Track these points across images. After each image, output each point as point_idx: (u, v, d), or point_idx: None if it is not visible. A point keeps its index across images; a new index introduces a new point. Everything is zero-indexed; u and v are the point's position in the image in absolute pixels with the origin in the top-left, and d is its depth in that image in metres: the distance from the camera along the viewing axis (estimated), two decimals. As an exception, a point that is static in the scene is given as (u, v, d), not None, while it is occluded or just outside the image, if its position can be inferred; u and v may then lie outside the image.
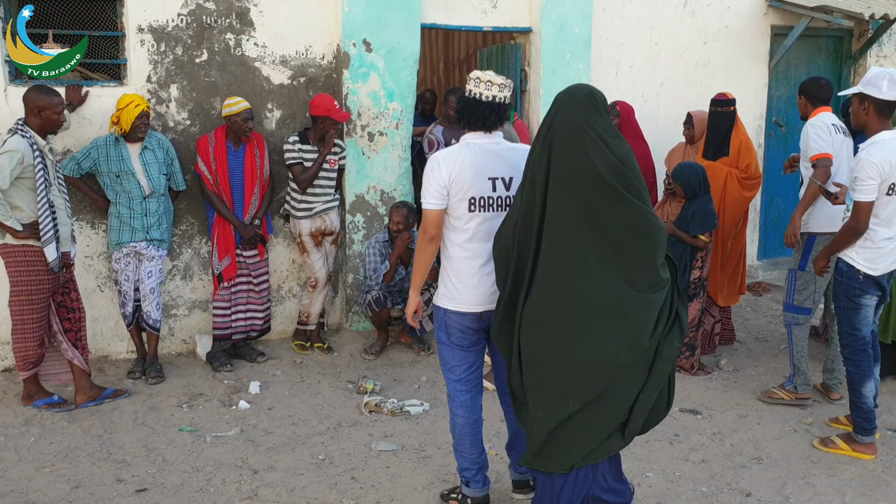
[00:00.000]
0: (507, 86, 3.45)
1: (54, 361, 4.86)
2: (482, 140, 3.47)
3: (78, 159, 5.10)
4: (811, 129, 4.85)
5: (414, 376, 5.43)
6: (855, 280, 4.26)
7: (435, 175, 3.40)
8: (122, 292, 5.24)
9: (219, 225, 5.43)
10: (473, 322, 3.53)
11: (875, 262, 4.22)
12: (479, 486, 3.72)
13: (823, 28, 7.55)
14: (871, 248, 4.21)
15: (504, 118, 3.49)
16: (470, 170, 3.39)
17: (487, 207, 3.42)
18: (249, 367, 5.52)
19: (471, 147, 3.45)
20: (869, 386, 4.29)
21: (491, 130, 3.47)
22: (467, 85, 3.47)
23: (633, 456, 4.28)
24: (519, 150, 3.55)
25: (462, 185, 3.38)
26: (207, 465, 4.13)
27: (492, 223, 3.43)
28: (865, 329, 4.32)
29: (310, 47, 5.87)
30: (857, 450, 4.32)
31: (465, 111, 3.46)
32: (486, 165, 3.42)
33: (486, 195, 3.41)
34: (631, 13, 6.91)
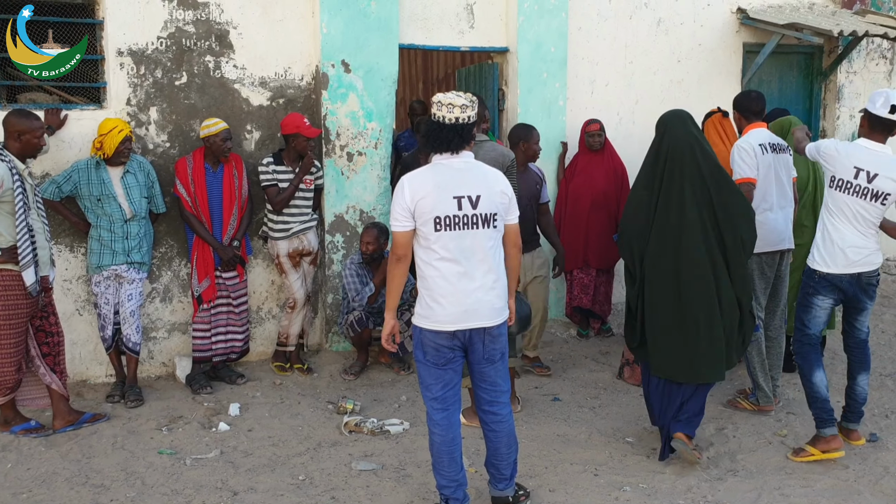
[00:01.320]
0: (469, 105, 3.53)
1: (32, 386, 4.83)
2: (449, 160, 3.57)
3: (58, 182, 5.11)
4: (737, 151, 4.91)
5: (394, 396, 5.45)
6: (811, 279, 4.48)
7: (398, 198, 3.53)
8: (101, 315, 5.24)
9: (198, 247, 5.45)
10: (448, 340, 3.59)
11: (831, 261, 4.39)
12: (458, 503, 3.75)
13: (794, 45, 7.69)
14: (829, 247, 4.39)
15: (469, 138, 3.58)
16: (433, 190, 3.49)
17: (454, 226, 3.51)
18: (229, 389, 5.52)
19: (437, 167, 3.57)
20: (819, 375, 4.47)
21: (457, 152, 3.56)
22: (431, 108, 3.57)
23: (610, 470, 4.33)
24: (486, 168, 3.65)
25: (426, 206, 3.48)
26: (187, 488, 4.13)
27: (460, 241, 3.52)
28: (815, 328, 4.51)
29: (289, 69, 5.93)
30: (826, 449, 4.40)
31: (430, 136, 3.57)
32: (451, 185, 3.51)
33: (451, 214, 3.50)
34: (606, 33, 7.02)
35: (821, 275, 4.43)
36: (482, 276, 3.57)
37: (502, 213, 3.62)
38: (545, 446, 4.63)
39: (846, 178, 4.33)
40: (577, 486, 4.15)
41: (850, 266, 4.37)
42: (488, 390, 3.76)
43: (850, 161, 4.34)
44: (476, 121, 3.62)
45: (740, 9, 7.44)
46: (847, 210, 4.35)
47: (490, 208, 3.56)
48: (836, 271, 4.39)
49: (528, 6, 6.43)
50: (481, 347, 3.64)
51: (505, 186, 3.64)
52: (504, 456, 3.82)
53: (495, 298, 3.62)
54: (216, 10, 5.67)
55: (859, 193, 4.31)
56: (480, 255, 3.56)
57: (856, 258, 4.36)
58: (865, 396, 4.62)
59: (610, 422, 5.01)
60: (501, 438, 3.80)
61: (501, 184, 3.63)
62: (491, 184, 3.59)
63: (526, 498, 3.96)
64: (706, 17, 7.36)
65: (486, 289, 3.58)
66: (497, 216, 3.59)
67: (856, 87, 8.14)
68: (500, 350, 3.70)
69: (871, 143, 4.39)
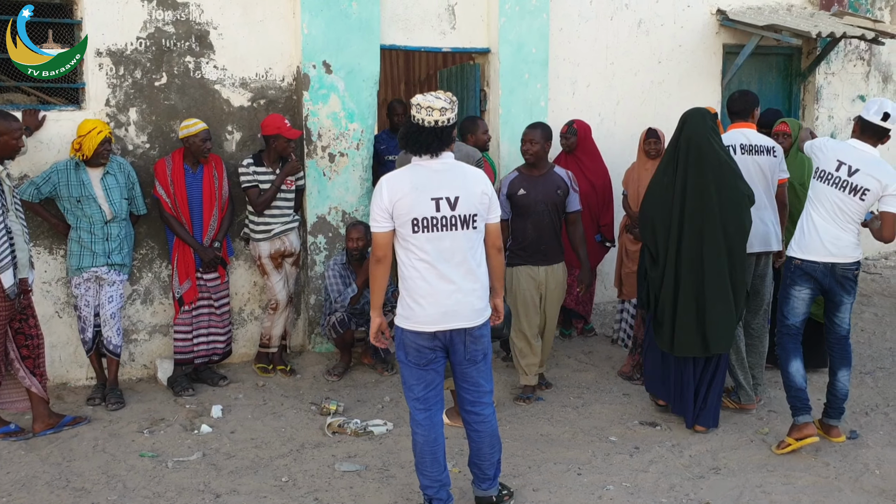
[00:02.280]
0: (448, 108, 3.53)
1: (11, 389, 4.78)
2: (428, 161, 3.57)
3: (37, 184, 5.06)
4: None
5: (377, 396, 5.44)
6: (788, 268, 4.65)
7: (377, 199, 3.54)
8: (81, 318, 5.19)
9: (178, 248, 5.41)
10: (428, 341, 3.60)
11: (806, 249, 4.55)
12: (441, 503, 3.75)
13: (773, 46, 7.76)
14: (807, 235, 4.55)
15: (449, 140, 3.58)
16: (411, 192, 3.50)
17: (431, 227, 3.51)
18: (211, 391, 5.49)
19: (416, 169, 3.57)
20: (795, 365, 4.61)
21: (436, 154, 3.56)
22: (410, 111, 3.56)
23: (593, 469, 4.34)
24: (467, 169, 3.64)
25: (404, 207, 3.49)
26: (169, 491, 4.10)
27: (438, 243, 3.53)
28: (793, 318, 4.65)
29: (270, 69, 5.91)
30: (800, 436, 4.50)
31: (409, 138, 3.56)
32: (430, 186, 3.52)
33: (428, 216, 3.50)
34: (587, 34, 7.05)
35: (796, 263, 4.58)
36: (461, 277, 3.56)
37: (483, 213, 3.61)
38: (528, 446, 4.64)
39: (828, 169, 4.52)
40: (560, 486, 4.16)
41: (825, 255, 4.50)
42: (471, 391, 3.76)
43: (835, 155, 4.52)
44: (456, 122, 3.62)
45: (720, 10, 7.50)
46: (826, 201, 4.51)
47: (469, 209, 3.55)
48: (809, 258, 4.53)
49: (509, 7, 6.45)
50: (462, 348, 3.65)
51: (486, 187, 3.62)
52: (487, 456, 3.83)
53: (476, 300, 3.61)
54: (196, 10, 5.64)
55: (839, 185, 4.47)
56: (460, 257, 3.56)
57: (832, 248, 4.49)
58: (846, 393, 4.68)
59: (593, 421, 5.03)
60: (484, 438, 3.80)
61: (482, 184, 3.62)
62: (470, 184, 3.58)
63: (510, 497, 3.97)
64: (686, 18, 7.41)
65: (466, 290, 3.58)
66: (477, 217, 3.58)
67: (834, 88, 8.23)
68: (481, 351, 3.70)
69: (860, 143, 4.56)
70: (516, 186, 5.14)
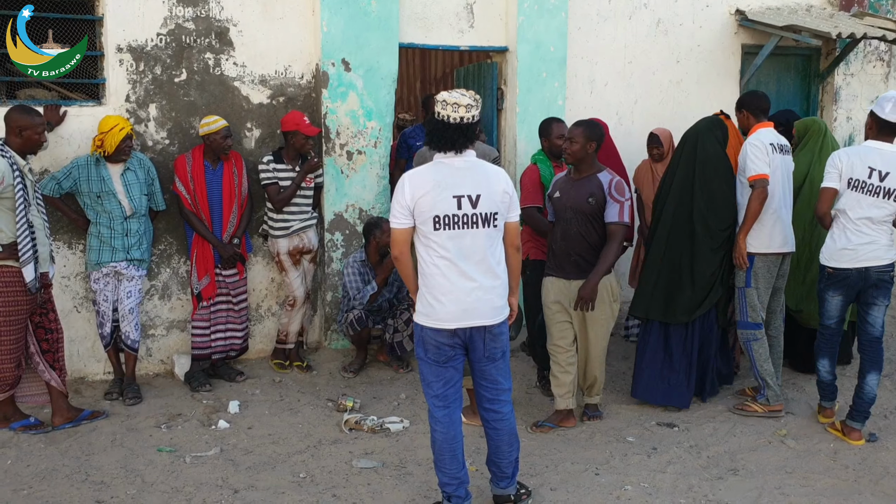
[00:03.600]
0: (473, 105, 3.53)
1: (31, 383, 4.81)
2: (451, 159, 3.57)
3: (58, 179, 5.09)
4: (749, 148, 4.94)
5: (393, 393, 5.45)
6: (822, 274, 4.73)
7: (398, 196, 3.55)
8: (100, 313, 5.22)
9: (197, 244, 5.43)
10: (448, 338, 3.61)
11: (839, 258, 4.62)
12: (459, 501, 3.75)
13: (792, 47, 7.71)
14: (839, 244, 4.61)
15: (473, 138, 3.58)
16: (433, 189, 3.51)
17: (452, 225, 3.52)
18: (228, 386, 5.51)
19: (438, 166, 3.58)
20: (823, 363, 4.83)
21: (461, 151, 3.56)
22: (435, 107, 3.56)
23: (611, 469, 4.33)
24: (488, 167, 3.64)
25: (425, 205, 3.51)
26: (187, 486, 4.12)
27: (459, 241, 3.53)
28: (828, 320, 4.77)
29: (289, 67, 5.92)
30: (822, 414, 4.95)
31: (433, 134, 3.56)
32: (452, 184, 3.53)
33: (450, 213, 3.51)
34: (605, 33, 7.03)
35: (829, 272, 4.65)
36: (481, 275, 3.57)
37: (503, 211, 3.62)
38: (546, 445, 4.63)
39: (862, 178, 4.55)
40: (578, 486, 4.15)
41: (857, 261, 4.57)
42: (489, 388, 3.77)
43: (865, 162, 4.54)
44: (480, 119, 3.62)
45: (739, 10, 7.45)
46: (858, 208, 4.55)
47: (490, 207, 3.56)
48: (843, 266, 4.60)
49: (527, 6, 6.43)
50: (482, 346, 3.65)
51: (507, 185, 3.63)
52: (505, 454, 3.82)
53: (495, 297, 3.62)
54: (216, 7, 5.66)
55: (872, 192, 4.50)
56: (480, 255, 3.57)
57: (864, 253, 4.54)
58: (873, 397, 4.67)
59: (611, 421, 5.01)
60: (503, 437, 3.80)
61: (503, 183, 3.63)
62: (492, 183, 3.59)
63: (528, 496, 3.97)
64: (705, 18, 7.37)
65: (486, 288, 3.59)
66: (497, 215, 3.59)
67: (853, 89, 8.16)
68: (500, 348, 3.71)
69: (879, 143, 4.58)
70: (555, 188, 4.87)
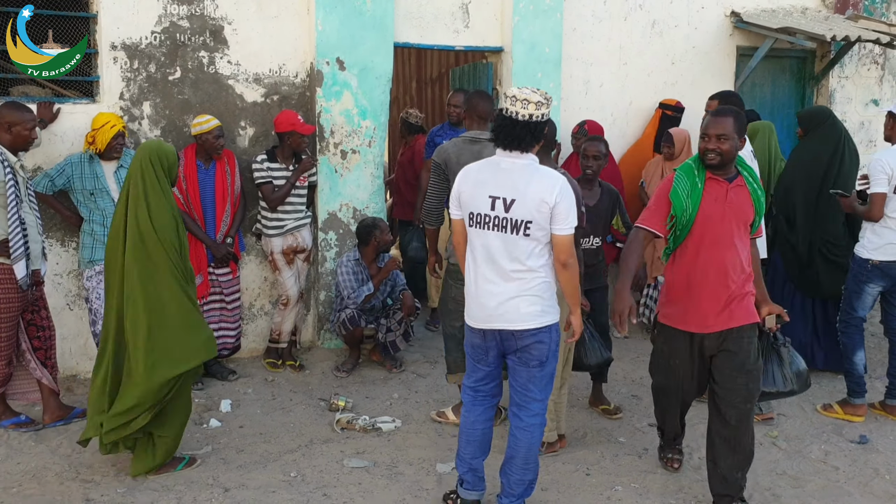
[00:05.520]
0: (544, 103, 3.41)
1: (22, 381, 4.80)
2: (501, 157, 3.50)
3: (51, 176, 5.08)
4: None
5: (386, 393, 5.44)
6: (864, 268, 5.04)
7: (454, 186, 3.65)
8: (93, 310, 5.21)
9: (190, 243, 5.39)
10: (480, 338, 3.63)
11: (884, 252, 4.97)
12: (469, 487, 3.79)
13: (787, 49, 7.73)
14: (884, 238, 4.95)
15: (541, 136, 3.47)
16: (473, 186, 3.52)
17: (483, 224, 3.49)
18: (220, 385, 5.50)
19: (487, 164, 3.57)
20: (859, 355, 5.08)
21: (527, 150, 3.45)
22: (503, 103, 3.45)
23: (602, 469, 4.34)
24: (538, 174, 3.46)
25: (465, 199, 3.56)
26: (178, 484, 4.11)
27: (487, 241, 3.48)
28: (861, 312, 5.11)
29: (283, 65, 5.91)
30: (849, 412, 5.06)
31: (500, 131, 3.44)
32: (490, 184, 3.47)
33: (482, 212, 3.48)
34: (601, 34, 7.03)
35: (873, 264, 4.99)
36: (504, 280, 3.48)
37: (540, 221, 3.41)
38: (537, 445, 4.63)
39: None
40: (569, 486, 4.16)
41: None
42: (519, 392, 3.64)
43: None
44: (549, 119, 3.51)
45: (734, 12, 7.47)
46: None
47: (523, 215, 3.41)
48: (887, 259, 4.97)
49: (523, 6, 6.44)
50: (514, 347, 3.56)
51: (548, 195, 3.39)
52: (517, 470, 3.65)
53: (523, 303, 3.48)
54: (211, 5, 5.65)
55: None
56: (506, 260, 3.46)
57: None
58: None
59: (602, 422, 5.02)
60: (519, 448, 3.64)
61: (546, 192, 3.39)
62: (532, 190, 3.40)
63: None
64: (700, 19, 7.38)
65: (510, 293, 3.47)
66: (532, 224, 3.41)
67: (847, 91, 8.18)
68: (536, 357, 3.55)
69: None
70: None
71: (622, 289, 3.76)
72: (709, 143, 3.70)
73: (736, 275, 3.76)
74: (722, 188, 3.75)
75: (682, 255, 3.84)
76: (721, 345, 3.82)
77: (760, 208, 3.79)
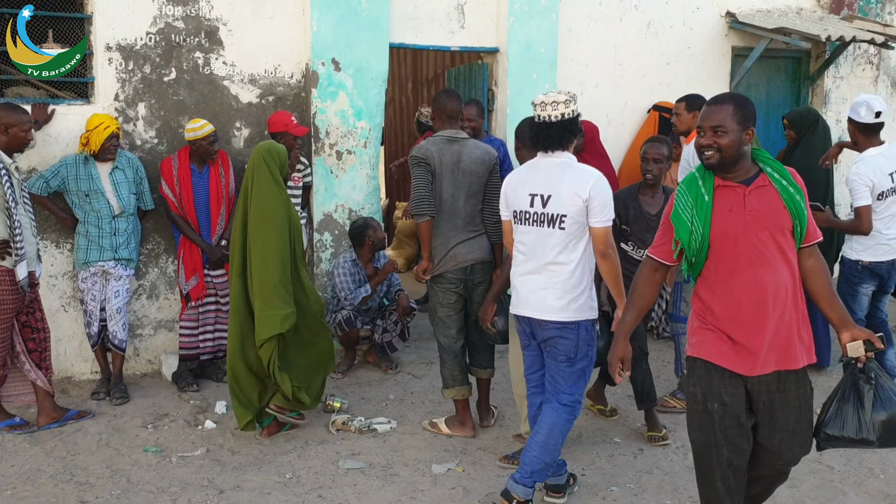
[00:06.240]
0: (571, 100, 3.67)
1: (17, 382, 4.78)
2: (538, 160, 3.78)
3: (46, 177, 5.07)
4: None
5: (381, 395, 5.44)
6: (854, 270, 5.11)
7: (503, 188, 3.93)
8: (87, 312, 5.20)
9: (185, 245, 5.41)
10: (524, 325, 3.85)
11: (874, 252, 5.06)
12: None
13: (782, 49, 7.74)
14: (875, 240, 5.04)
15: (577, 131, 3.74)
16: (516, 185, 3.81)
17: (524, 220, 3.77)
18: (215, 386, 5.49)
19: (530, 165, 3.83)
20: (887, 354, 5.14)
21: (566, 148, 3.71)
22: (535, 111, 3.71)
23: (598, 470, 4.34)
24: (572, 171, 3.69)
25: (510, 199, 3.84)
26: (173, 486, 4.10)
27: (528, 236, 3.76)
28: (860, 312, 5.14)
29: (278, 66, 5.91)
30: None
31: (539, 136, 3.71)
32: (530, 182, 3.75)
33: (524, 209, 3.76)
34: (596, 34, 7.04)
35: (863, 264, 5.07)
36: (540, 271, 3.72)
37: (574, 215, 3.62)
38: (533, 446, 4.63)
39: (887, 187, 5.02)
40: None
41: (892, 252, 5.08)
42: (549, 381, 3.83)
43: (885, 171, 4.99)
44: (579, 114, 3.73)
45: (729, 13, 7.48)
46: (887, 211, 5.04)
47: (558, 209, 3.64)
48: (878, 259, 5.07)
49: (518, 7, 6.44)
50: (542, 338, 3.78)
51: (582, 189, 3.59)
52: (537, 446, 3.72)
53: (551, 297, 3.69)
54: (206, 6, 5.65)
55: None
56: (542, 253, 3.71)
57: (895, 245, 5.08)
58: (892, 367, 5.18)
59: (598, 422, 5.02)
60: (543, 425, 3.76)
61: (579, 186, 3.60)
62: (566, 185, 3.64)
63: None
64: (695, 20, 7.39)
65: (543, 285, 3.71)
66: (566, 217, 3.63)
67: (842, 91, 8.20)
68: (562, 352, 3.72)
69: (877, 149, 5.00)
70: None
71: (620, 335, 3.25)
72: (703, 139, 2.97)
73: (781, 300, 2.94)
74: (737, 194, 2.98)
75: (708, 283, 3.06)
76: (767, 392, 3.01)
77: (798, 209, 2.94)
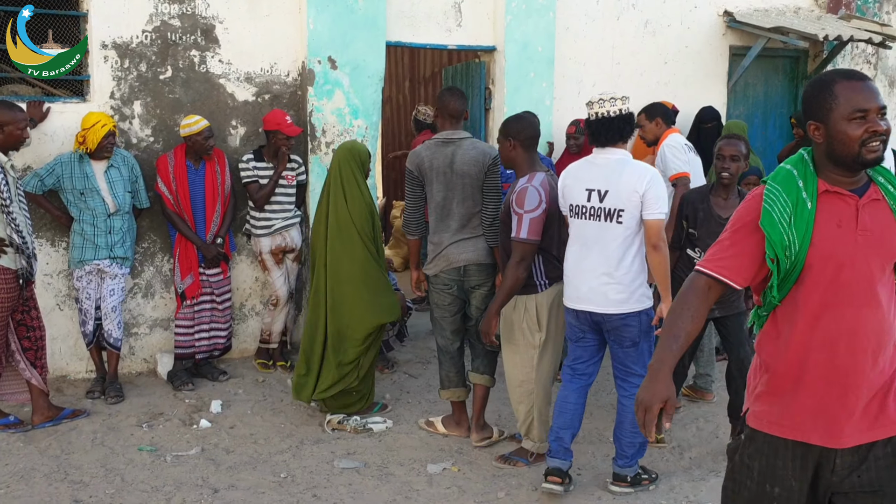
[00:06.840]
0: (627, 98, 3.85)
1: (11, 381, 4.77)
2: (598, 154, 3.89)
3: (41, 176, 5.06)
4: (668, 150, 5.42)
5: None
6: None
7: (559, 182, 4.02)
8: (83, 311, 5.19)
9: (180, 244, 5.40)
10: (575, 318, 3.96)
11: None
12: (553, 455, 4.00)
13: (780, 49, 7.73)
14: None
15: (633, 126, 3.90)
16: (572, 181, 3.93)
17: (581, 215, 3.88)
18: (211, 385, 5.48)
19: (586, 161, 3.95)
20: None
21: (624, 142, 3.87)
22: (591, 109, 3.85)
23: (592, 469, 4.33)
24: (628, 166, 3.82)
25: (566, 194, 3.95)
26: (167, 485, 4.09)
27: (582, 230, 3.87)
28: None
29: (275, 64, 5.89)
30: None
31: (599, 132, 3.83)
32: (587, 178, 3.88)
33: (580, 203, 3.87)
34: (594, 33, 7.02)
35: None
36: (597, 265, 3.82)
37: (631, 209, 3.78)
38: (528, 446, 4.62)
39: None
40: (559, 486, 4.14)
41: None
42: (619, 368, 4.00)
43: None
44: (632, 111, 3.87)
45: (727, 12, 7.47)
46: None
47: (616, 204, 3.77)
48: None
49: (515, 5, 6.43)
50: (606, 328, 3.90)
51: (639, 185, 3.75)
52: (627, 433, 3.97)
53: (610, 290, 3.81)
54: (202, 4, 5.63)
55: None
56: (600, 247, 3.81)
57: None
58: None
59: (593, 422, 5.01)
60: (626, 413, 3.95)
61: (636, 182, 3.77)
62: (623, 181, 3.78)
63: (650, 482, 4.09)
64: (693, 19, 7.38)
65: (602, 280, 3.81)
66: (624, 212, 3.77)
67: (840, 91, 8.20)
68: (628, 338, 3.88)
69: None
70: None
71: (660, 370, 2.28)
72: (871, 124, 2.18)
73: (885, 348, 2.26)
74: (848, 206, 2.24)
75: (786, 320, 2.31)
76: (859, 470, 2.27)
77: None
